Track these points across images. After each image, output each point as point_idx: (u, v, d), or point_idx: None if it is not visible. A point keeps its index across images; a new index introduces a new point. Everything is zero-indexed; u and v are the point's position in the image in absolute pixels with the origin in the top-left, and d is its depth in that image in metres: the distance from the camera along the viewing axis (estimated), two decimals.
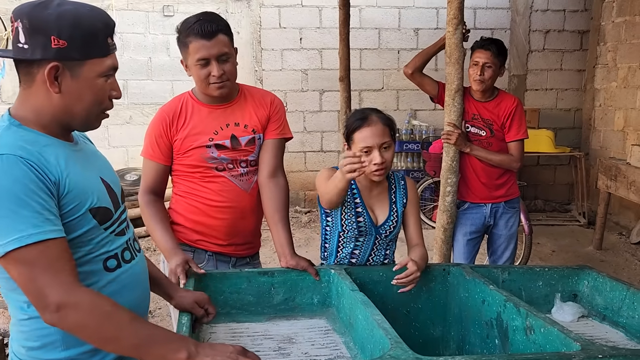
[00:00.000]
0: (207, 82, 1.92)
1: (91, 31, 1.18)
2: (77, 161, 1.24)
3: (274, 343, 1.64)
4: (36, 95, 1.20)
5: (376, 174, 1.88)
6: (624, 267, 4.70)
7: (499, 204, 3.12)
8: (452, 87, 2.73)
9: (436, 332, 1.99)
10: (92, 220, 1.22)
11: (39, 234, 1.09)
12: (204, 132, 1.99)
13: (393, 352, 1.28)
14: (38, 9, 1.15)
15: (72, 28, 1.15)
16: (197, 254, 2.07)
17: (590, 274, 2.01)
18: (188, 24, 1.90)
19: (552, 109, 6.37)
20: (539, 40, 6.24)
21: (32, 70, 1.18)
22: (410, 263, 1.79)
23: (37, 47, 1.14)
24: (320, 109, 6.14)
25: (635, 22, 5.49)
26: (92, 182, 1.26)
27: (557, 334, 1.44)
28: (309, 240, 5.20)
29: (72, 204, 1.18)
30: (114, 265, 1.28)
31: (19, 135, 1.17)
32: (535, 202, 6.40)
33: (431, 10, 6.05)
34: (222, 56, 1.90)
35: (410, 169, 5.91)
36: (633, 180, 4.37)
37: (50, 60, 1.15)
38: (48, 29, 1.14)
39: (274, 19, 5.94)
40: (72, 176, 1.19)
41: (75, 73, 1.18)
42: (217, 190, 2.04)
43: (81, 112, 1.23)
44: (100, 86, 1.23)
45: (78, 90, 1.20)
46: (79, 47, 1.16)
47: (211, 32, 1.86)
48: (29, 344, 1.22)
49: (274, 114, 2.09)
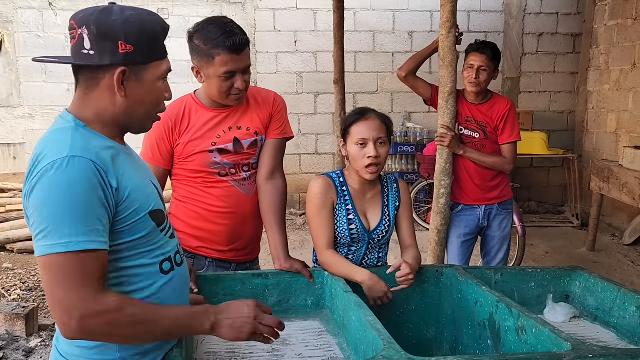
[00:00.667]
0: (229, 93, 1.91)
1: (154, 35, 1.22)
2: (132, 165, 1.27)
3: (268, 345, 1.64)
4: (99, 99, 1.22)
5: (369, 170, 1.89)
6: (617, 268, 4.73)
7: (493, 206, 3.14)
8: (445, 89, 2.75)
9: (429, 333, 2.00)
10: (151, 223, 1.24)
11: (86, 243, 1.09)
12: (206, 137, 1.97)
13: (386, 352, 1.29)
14: (104, 16, 1.17)
15: (138, 33, 1.18)
16: (197, 260, 2.05)
17: (582, 275, 2.02)
18: (212, 34, 1.84)
19: (545, 112, 6.41)
20: (533, 43, 6.28)
21: (98, 76, 1.20)
22: (404, 265, 1.80)
23: (105, 53, 1.17)
24: (315, 112, 6.16)
25: (627, 26, 5.54)
26: (147, 186, 1.28)
27: (548, 334, 1.46)
28: (303, 243, 5.20)
29: (132, 207, 1.20)
30: (168, 267, 1.29)
31: (88, 137, 1.19)
32: (528, 203, 6.44)
33: (425, 13, 6.08)
34: (246, 68, 1.90)
35: (405, 171, 5.93)
36: (625, 182, 4.40)
37: (118, 65, 1.18)
38: (115, 34, 1.16)
39: (269, 22, 5.95)
40: (131, 180, 1.21)
41: (139, 77, 1.21)
42: (219, 195, 2.01)
43: (141, 115, 1.26)
44: (160, 89, 1.26)
45: (141, 93, 1.23)
46: (144, 51, 1.20)
47: (241, 46, 1.85)
48: (85, 344, 1.21)
49: (276, 112, 2.06)
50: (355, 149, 1.90)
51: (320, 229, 1.93)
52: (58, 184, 1.10)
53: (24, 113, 5.78)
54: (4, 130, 5.76)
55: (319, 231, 1.93)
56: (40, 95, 5.72)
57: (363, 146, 1.89)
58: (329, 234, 1.93)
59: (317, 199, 1.93)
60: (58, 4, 5.62)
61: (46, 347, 3.10)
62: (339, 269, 1.87)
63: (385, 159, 1.93)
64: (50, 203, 1.09)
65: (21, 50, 5.59)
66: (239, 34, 1.85)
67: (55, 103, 5.73)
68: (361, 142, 1.89)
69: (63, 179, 1.10)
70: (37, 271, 4.38)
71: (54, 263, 1.09)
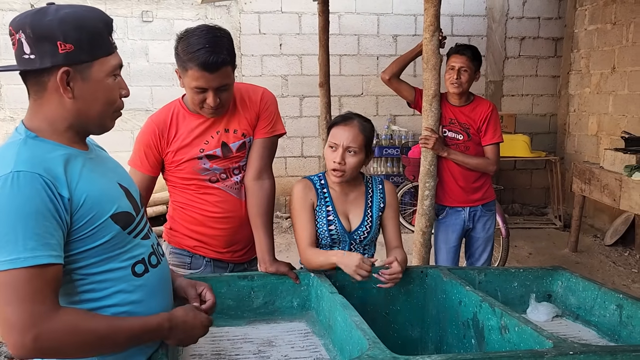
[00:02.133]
0: (201, 106, 1.87)
1: (95, 31, 1.17)
2: (93, 169, 1.23)
3: (254, 346, 1.65)
4: (49, 104, 1.19)
5: (333, 173, 1.92)
6: (599, 268, 4.80)
7: (477, 207, 3.17)
8: (429, 92, 2.78)
9: (414, 334, 2.02)
10: (115, 226, 1.21)
11: (35, 258, 1.06)
12: (194, 144, 1.95)
13: (371, 352, 1.30)
14: (38, 17, 1.13)
15: (76, 30, 1.14)
16: (194, 259, 2.06)
17: (563, 275, 2.06)
18: (191, 47, 1.77)
19: (528, 114, 6.49)
20: (515, 47, 6.36)
21: (43, 80, 1.16)
22: (396, 263, 1.81)
23: (44, 55, 1.13)
24: (301, 115, 6.17)
25: (606, 30, 5.64)
26: (110, 189, 1.24)
27: (530, 333, 1.48)
28: (289, 246, 5.20)
29: (90, 214, 1.16)
30: (141, 270, 1.27)
31: (36, 149, 1.15)
32: (512, 205, 6.51)
33: (409, 17, 6.13)
34: (221, 87, 1.84)
35: (390, 174, 5.96)
36: (606, 183, 4.47)
37: (60, 65, 1.14)
38: (53, 35, 1.12)
39: (254, 25, 5.95)
40: (88, 186, 1.17)
41: (85, 76, 1.18)
42: (214, 201, 2.00)
43: (96, 114, 1.22)
44: (111, 85, 1.22)
45: (90, 93, 1.19)
46: (86, 49, 1.16)
47: (215, 66, 1.76)
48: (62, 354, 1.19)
49: (264, 110, 2.02)
50: (328, 151, 1.95)
51: (301, 229, 1.95)
52: (3, 201, 1.06)
53: (5, 116, 5.70)
54: None
55: (300, 232, 1.95)
56: (22, 98, 5.60)
57: (333, 150, 1.93)
58: (310, 233, 1.95)
59: (297, 201, 1.97)
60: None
61: None
62: (318, 260, 1.88)
63: (352, 168, 1.93)
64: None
65: (2, 52, 5.52)
66: (217, 53, 1.76)
67: None
68: (332, 146, 1.93)
69: (8, 196, 1.06)
70: None
71: (3, 280, 1.05)
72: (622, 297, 1.80)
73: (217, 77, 1.80)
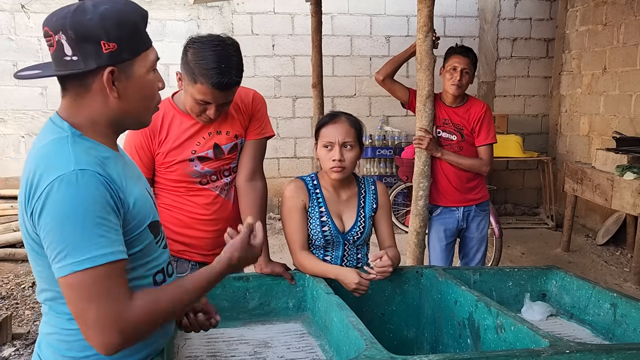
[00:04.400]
0: (199, 114, 1.88)
1: (134, 26, 1.14)
2: (129, 174, 1.21)
3: (250, 347, 1.64)
4: (91, 104, 1.15)
5: (333, 170, 1.91)
6: (591, 267, 4.83)
7: (471, 207, 3.18)
8: (423, 93, 2.78)
9: (410, 334, 2.02)
10: (150, 235, 1.21)
11: (110, 255, 1.06)
12: (185, 145, 1.94)
13: (368, 352, 1.30)
14: (78, 16, 1.08)
15: (118, 28, 1.10)
16: (179, 263, 2.04)
17: (558, 274, 2.06)
18: (205, 63, 1.75)
19: (520, 115, 6.52)
20: (507, 48, 6.39)
21: (87, 81, 1.13)
22: (385, 256, 1.82)
23: (88, 56, 1.09)
24: (294, 115, 6.16)
25: (597, 31, 5.68)
26: (146, 196, 1.23)
27: (526, 332, 1.48)
28: (283, 247, 5.19)
29: (134, 220, 1.16)
30: (161, 279, 1.26)
31: (86, 148, 1.13)
32: (505, 206, 6.53)
33: (402, 18, 6.14)
34: (225, 103, 1.86)
35: (383, 175, 5.96)
36: (598, 183, 4.50)
37: (105, 66, 1.11)
38: (96, 34, 1.08)
39: (247, 26, 5.94)
40: (133, 191, 1.17)
41: (129, 73, 1.14)
42: (202, 203, 2.00)
43: (138, 111, 1.20)
44: (152, 80, 1.19)
45: (135, 90, 1.16)
46: (129, 46, 1.12)
47: (227, 87, 1.79)
48: (72, 354, 1.18)
49: (256, 112, 2.04)
50: (323, 151, 1.94)
51: (293, 231, 1.94)
52: (71, 200, 1.05)
53: None
54: None
55: (292, 233, 1.94)
56: (12, 98, 5.60)
57: (329, 149, 1.92)
58: (302, 235, 1.94)
59: (288, 201, 1.95)
60: (30, 6, 5.52)
61: (20, 356, 3.03)
62: (314, 269, 1.89)
63: (352, 163, 1.94)
64: (67, 221, 1.04)
65: None
66: (231, 76, 1.77)
67: (28, 107, 5.62)
68: (328, 145, 1.91)
69: (75, 195, 1.05)
70: (10, 279, 4.28)
71: (81, 280, 1.05)
72: (616, 296, 1.81)
73: (224, 95, 1.83)
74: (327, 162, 1.93)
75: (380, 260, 1.82)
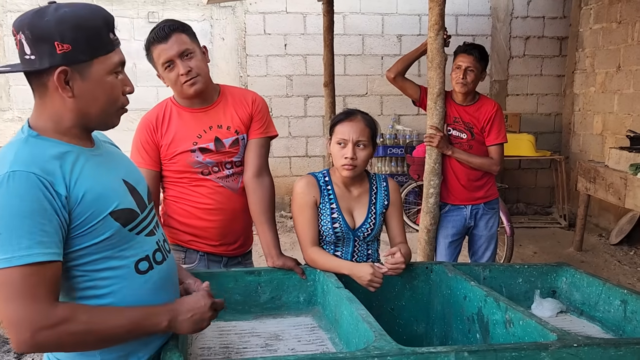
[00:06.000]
0: (179, 83, 1.95)
1: (93, 30, 1.18)
2: (96, 166, 1.24)
3: (261, 340, 1.67)
4: (51, 103, 1.20)
5: (344, 167, 1.94)
6: (604, 267, 4.80)
7: (479, 206, 3.18)
8: (434, 91, 2.79)
9: (420, 329, 2.03)
10: (114, 224, 1.21)
11: (29, 257, 1.08)
12: (187, 137, 2.02)
13: (377, 343, 1.32)
14: (36, 18, 1.15)
15: (74, 30, 1.15)
16: (188, 254, 2.11)
17: (568, 271, 2.07)
18: (148, 36, 1.97)
19: (532, 114, 6.49)
20: (520, 46, 6.36)
21: (43, 80, 1.18)
22: (398, 253, 1.84)
23: (43, 56, 1.14)
24: (305, 115, 6.19)
25: (611, 29, 5.63)
26: (112, 185, 1.25)
27: (535, 326, 1.49)
28: (294, 244, 5.22)
29: (88, 211, 1.17)
30: (145, 267, 1.27)
31: (35, 148, 1.16)
32: (517, 205, 6.50)
33: (414, 17, 6.14)
34: (183, 54, 1.93)
35: (394, 173, 5.96)
36: (611, 182, 4.47)
37: (58, 66, 1.15)
38: (50, 35, 1.13)
39: (259, 26, 5.98)
40: (87, 183, 1.18)
41: (84, 74, 1.18)
42: (207, 193, 2.06)
43: (98, 112, 1.23)
44: (112, 83, 1.23)
45: (91, 91, 1.20)
46: (84, 48, 1.16)
47: (165, 34, 1.91)
48: None
49: (257, 112, 2.11)
50: (336, 148, 1.96)
51: (303, 227, 1.96)
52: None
53: (14, 116, 5.75)
54: None
55: (302, 229, 1.97)
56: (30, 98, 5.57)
57: (342, 146, 1.94)
58: (313, 231, 1.96)
59: (299, 197, 1.97)
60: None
61: None
62: (326, 265, 1.90)
63: (363, 162, 1.96)
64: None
65: (10, 53, 5.57)
66: (164, 25, 1.92)
67: None
68: (341, 142, 1.93)
69: (3, 195, 1.08)
70: None
71: (0, 279, 1.08)
72: (626, 293, 1.81)
73: (173, 44, 1.92)
74: (339, 159, 1.94)
75: (392, 257, 1.83)
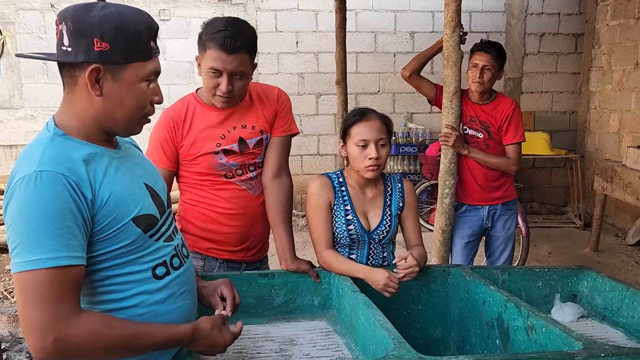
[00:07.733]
0: (214, 92, 1.87)
1: (134, 34, 1.16)
2: (119, 169, 1.22)
3: (275, 345, 1.64)
4: (78, 99, 1.19)
5: (370, 168, 1.89)
6: (621, 268, 4.72)
7: (497, 206, 3.13)
8: (449, 89, 2.74)
9: (436, 333, 1.99)
10: (136, 230, 1.20)
11: (56, 259, 1.06)
12: (210, 138, 1.94)
13: (397, 352, 1.28)
14: (82, 12, 1.14)
15: (115, 31, 1.14)
16: (207, 261, 2.04)
17: (589, 275, 2.01)
18: (213, 28, 1.81)
19: (547, 112, 6.40)
20: (534, 44, 6.27)
21: (75, 74, 1.17)
22: (410, 257, 1.79)
23: (80, 50, 1.14)
24: (317, 112, 6.15)
25: (629, 25, 5.53)
26: (134, 190, 1.23)
27: (559, 334, 1.44)
28: (306, 244, 5.19)
29: (111, 216, 1.16)
30: (162, 272, 1.26)
31: (61, 148, 1.15)
32: (531, 204, 6.42)
33: (427, 13, 6.07)
34: (236, 74, 1.84)
35: (407, 172, 5.92)
36: (629, 182, 4.39)
37: (93, 62, 1.14)
38: (91, 31, 1.13)
39: (271, 23, 5.95)
40: (111, 186, 1.17)
41: (117, 76, 1.17)
42: (228, 197, 1.99)
43: (122, 117, 1.21)
44: (142, 91, 1.21)
45: (119, 94, 1.18)
46: (122, 50, 1.15)
47: (233, 49, 1.78)
48: None
49: (281, 109, 2.03)
50: (356, 150, 1.89)
51: (318, 229, 1.92)
52: (27, 200, 1.07)
53: (26, 114, 5.77)
54: (5, 132, 5.75)
55: (317, 231, 1.92)
56: (42, 96, 5.71)
57: (364, 147, 1.88)
58: (327, 233, 1.92)
59: (314, 198, 1.93)
60: (60, 5, 5.61)
61: None
62: (341, 268, 1.87)
63: (385, 160, 1.92)
64: (21, 220, 1.07)
65: (23, 51, 5.59)
66: (237, 36, 1.78)
67: (57, 104, 5.50)
68: (362, 144, 1.88)
69: (31, 195, 1.07)
70: None
71: (25, 281, 1.06)
72: None
73: (233, 61, 1.80)
74: (363, 161, 1.88)
75: (405, 262, 1.79)
